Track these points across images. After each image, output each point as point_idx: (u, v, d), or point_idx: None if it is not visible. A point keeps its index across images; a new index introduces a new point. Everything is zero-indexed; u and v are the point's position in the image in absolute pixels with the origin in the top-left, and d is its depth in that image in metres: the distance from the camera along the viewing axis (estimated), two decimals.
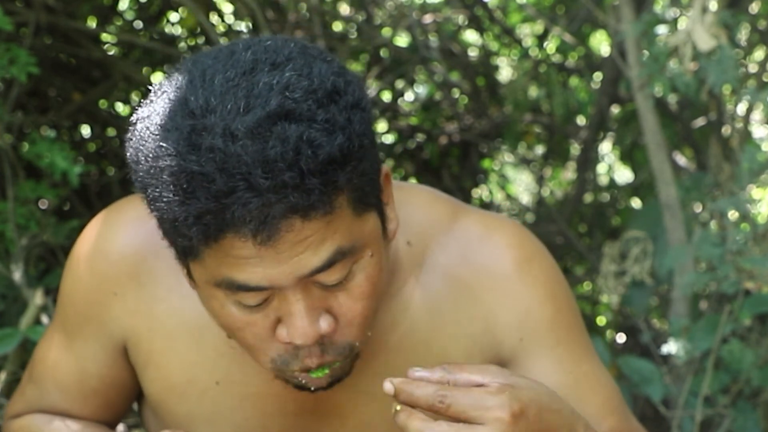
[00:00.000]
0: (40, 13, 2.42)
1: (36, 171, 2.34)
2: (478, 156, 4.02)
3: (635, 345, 3.39)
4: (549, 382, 1.40)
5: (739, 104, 3.01)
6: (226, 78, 1.14)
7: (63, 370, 1.47)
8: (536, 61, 3.78)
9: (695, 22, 2.38)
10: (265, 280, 1.16)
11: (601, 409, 1.42)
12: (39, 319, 2.15)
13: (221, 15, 3.10)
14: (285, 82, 1.13)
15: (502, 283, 1.40)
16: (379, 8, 3.48)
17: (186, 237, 1.14)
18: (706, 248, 2.34)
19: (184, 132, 1.12)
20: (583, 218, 3.94)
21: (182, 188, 1.11)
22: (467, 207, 1.46)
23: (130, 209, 1.40)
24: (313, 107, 1.13)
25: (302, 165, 1.11)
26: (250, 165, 1.10)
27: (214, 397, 1.41)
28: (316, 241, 1.15)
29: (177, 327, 1.39)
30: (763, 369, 2.34)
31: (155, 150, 1.13)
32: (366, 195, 1.20)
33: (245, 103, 1.12)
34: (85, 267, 1.42)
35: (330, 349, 1.23)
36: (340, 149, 1.13)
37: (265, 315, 1.21)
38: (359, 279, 1.21)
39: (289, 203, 1.11)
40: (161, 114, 1.15)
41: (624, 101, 3.63)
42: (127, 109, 3.16)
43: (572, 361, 1.42)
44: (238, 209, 1.11)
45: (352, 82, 1.19)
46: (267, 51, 1.17)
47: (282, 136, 1.10)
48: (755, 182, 2.50)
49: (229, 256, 1.15)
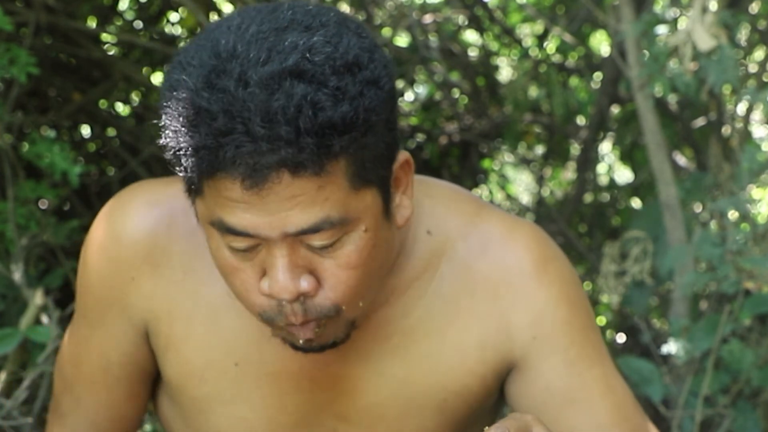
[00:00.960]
0: (40, 13, 2.42)
1: (36, 171, 2.34)
2: (478, 156, 4.02)
3: (635, 345, 3.39)
4: (559, 384, 1.41)
5: (739, 104, 3.01)
6: (260, 30, 1.19)
7: (88, 362, 1.48)
8: (536, 61, 3.78)
9: (695, 22, 2.38)
10: (251, 228, 1.20)
11: (612, 415, 1.42)
12: (39, 319, 2.15)
13: (221, 15, 3.10)
14: (310, 44, 1.18)
15: (520, 282, 1.42)
16: (379, 8, 3.47)
17: (184, 168, 1.20)
18: (706, 248, 2.34)
19: (206, 70, 1.18)
20: (583, 218, 3.94)
21: (188, 120, 1.17)
22: (490, 205, 1.49)
23: (140, 193, 1.43)
24: (328, 72, 1.17)
25: (300, 123, 1.15)
26: (252, 112, 1.15)
27: (233, 378, 1.43)
28: (304, 201, 1.18)
29: (194, 309, 1.41)
30: (763, 369, 2.34)
31: (178, 81, 1.19)
32: (366, 170, 1.22)
33: (266, 56, 1.17)
34: (100, 254, 1.43)
35: (312, 309, 1.26)
36: (342, 117, 1.16)
37: (253, 264, 1.25)
38: (348, 249, 1.24)
39: (279, 156, 1.15)
40: (194, 50, 1.21)
41: (624, 101, 3.62)
42: (127, 109, 3.16)
43: (584, 363, 1.42)
44: (231, 150, 1.15)
45: (377, 60, 1.22)
46: (306, 14, 1.22)
47: (288, 92, 1.15)
48: (755, 182, 2.50)
49: (222, 197, 1.19)
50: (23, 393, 2.02)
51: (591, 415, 1.41)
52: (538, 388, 1.42)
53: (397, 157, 1.28)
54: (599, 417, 1.40)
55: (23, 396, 2.02)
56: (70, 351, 1.51)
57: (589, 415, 1.41)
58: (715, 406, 2.40)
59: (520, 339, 1.42)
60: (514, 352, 1.42)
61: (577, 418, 1.41)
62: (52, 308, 2.13)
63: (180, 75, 1.20)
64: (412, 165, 1.30)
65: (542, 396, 1.42)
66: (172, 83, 1.21)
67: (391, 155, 1.26)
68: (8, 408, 2.00)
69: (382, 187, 1.26)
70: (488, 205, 1.49)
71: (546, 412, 1.41)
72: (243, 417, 1.45)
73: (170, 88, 1.21)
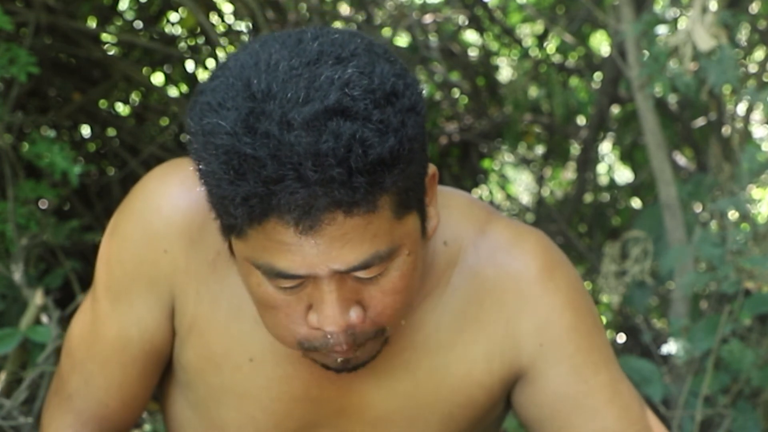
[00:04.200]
0: (40, 13, 2.42)
1: (36, 171, 2.34)
2: (478, 156, 4.02)
3: (635, 345, 3.39)
4: (565, 391, 1.41)
5: (739, 104, 3.01)
6: (291, 66, 1.17)
7: (104, 340, 1.45)
8: (536, 61, 3.78)
9: (695, 22, 2.38)
10: (303, 269, 1.19)
11: (619, 421, 1.42)
12: (39, 319, 2.15)
13: (221, 15, 3.10)
14: (346, 78, 1.16)
15: (526, 289, 1.42)
16: (379, 8, 3.47)
17: (232, 216, 1.18)
18: (706, 248, 2.34)
19: (243, 113, 1.15)
20: (583, 218, 3.94)
21: (234, 168, 1.14)
22: (500, 214, 1.48)
23: (182, 169, 1.40)
24: (370, 107, 1.15)
25: (351, 163, 1.13)
26: (302, 156, 1.12)
27: (247, 373, 1.42)
28: (354, 239, 1.18)
29: (221, 293, 1.41)
30: (763, 369, 2.34)
31: (213, 126, 1.16)
32: (409, 198, 1.22)
33: (305, 94, 1.14)
34: (135, 224, 1.41)
35: (359, 337, 1.26)
36: (390, 151, 1.15)
37: (299, 299, 1.24)
38: (393, 276, 1.24)
39: (334, 198, 1.14)
40: (224, 91, 1.18)
41: (624, 101, 3.63)
42: (127, 109, 3.16)
43: (590, 370, 1.42)
44: (285, 197, 1.14)
45: (411, 85, 1.21)
46: (333, 44, 1.19)
47: (336, 132, 1.13)
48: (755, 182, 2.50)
49: (271, 241, 1.18)
50: (23, 393, 2.02)
51: (598, 421, 1.41)
52: (544, 395, 1.42)
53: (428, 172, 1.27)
54: (606, 423, 1.40)
55: (23, 396, 2.02)
56: (84, 329, 1.48)
57: (596, 422, 1.41)
58: (715, 406, 2.39)
59: (526, 346, 1.42)
60: (521, 359, 1.42)
61: (585, 424, 1.41)
62: (52, 308, 2.13)
63: (214, 119, 1.16)
64: (437, 176, 1.30)
65: (549, 403, 1.42)
66: (204, 127, 1.17)
67: (425, 174, 1.26)
68: (8, 408, 2.00)
69: (419, 209, 1.26)
70: (498, 213, 1.49)
71: (553, 419, 1.42)
72: (252, 416, 1.44)
73: (204, 132, 1.17)
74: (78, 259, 2.56)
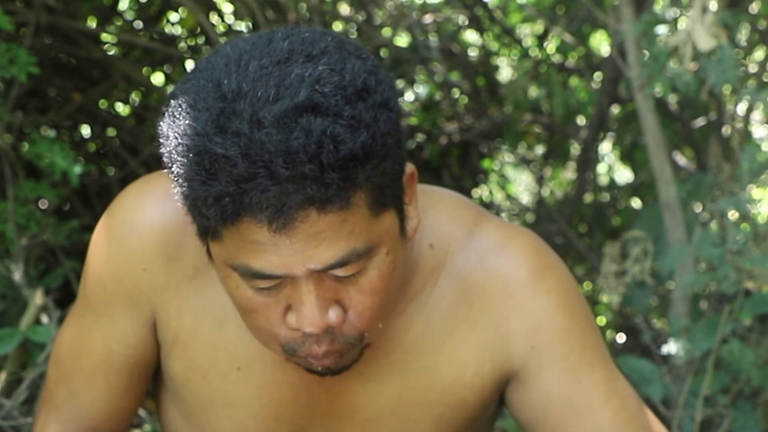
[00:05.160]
0: (40, 13, 2.42)
1: (36, 171, 2.34)
2: (478, 156, 4.02)
3: (635, 345, 3.39)
4: (559, 392, 1.40)
5: (739, 104, 3.01)
6: (261, 65, 1.16)
7: (88, 353, 1.45)
8: (536, 61, 3.78)
9: (695, 22, 2.38)
10: (279, 269, 1.18)
11: (615, 420, 1.41)
12: (39, 319, 2.15)
13: (221, 15, 3.10)
14: (317, 75, 1.15)
15: (517, 291, 1.40)
16: (379, 8, 3.48)
17: (205, 217, 1.17)
18: (706, 248, 2.34)
19: (214, 114, 1.14)
20: (583, 218, 3.94)
21: (205, 168, 1.14)
22: (489, 215, 1.47)
23: (157, 185, 1.40)
24: (341, 103, 1.14)
25: (323, 159, 1.12)
26: (273, 153, 1.12)
27: (235, 381, 1.42)
28: (330, 237, 1.17)
29: (203, 307, 1.40)
30: (763, 369, 2.34)
31: (184, 128, 1.16)
32: (385, 195, 1.21)
33: (275, 92, 1.14)
34: (113, 243, 1.41)
35: (338, 338, 1.25)
36: (363, 147, 1.14)
37: (277, 300, 1.23)
38: (372, 275, 1.23)
39: (306, 194, 1.13)
40: (194, 93, 1.17)
41: (624, 101, 3.63)
42: (127, 109, 3.16)
43: (584, 370, 1.41)
44: (256, 195, 1.13)
45: (383, 81, 1.20)
46: (304, 42, 1.19)
47: (306, 129, 1.12)
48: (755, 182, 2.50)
49: (246, 241, 1.17)
50: (23, 393, 2.02)
51: (593, 421, 1.40)
52: (538, 397, 1.41)
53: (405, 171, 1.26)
54: (601, 422, 1.40)
55: (23, 396, 2.02)
56: (69, 342, 1.48)
57: (591, 421, 1.40)
58: (715, 406, 2.40)
59: (518, 349, 1.41)
60: (513, 362, 1.41)
61: (580, 425, 1.40)
62: (52, 308, 2.13)
63: (185, 121, 1.16)
64: (416, 176, 1.29)
65: (543, 404, 1.41)
66: (176, 129, 1.17)
67: (402, 172, 1.25)
68: (8, 408, 2.00)
69: (397, 207, 1.25)
70: (487, 214, 1.47)
71: (547, 420, 1.41)
72: (243, 423, 1.44)
73: (176, 135, 1.17)
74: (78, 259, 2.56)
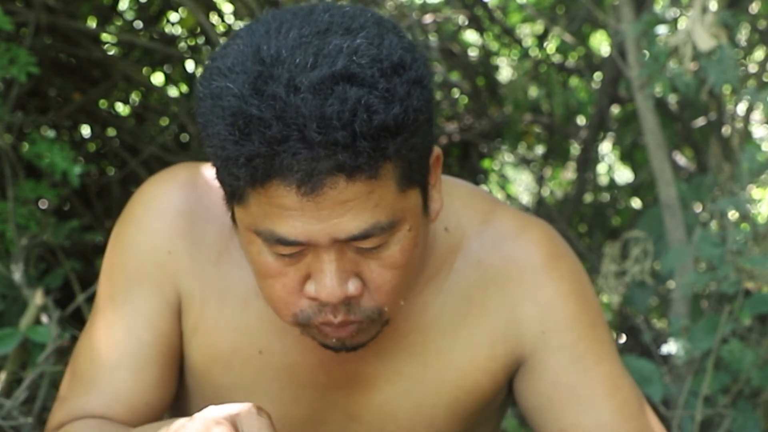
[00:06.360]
0: (40, 13, 2.42)
1: (36, 171, 2.34)
2: (478, 156, 4.02)
3: (635, 345, 3.39)
4: (565, 379, 1.42)
5: (739, 104, 3.01)
6: (301, 34, 1.18)
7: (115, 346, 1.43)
8: (536, 61, 3.78)
9: (695, 22, 2.38)
10: (303, 236, 1.20)
11: (616, 415, 1.42)
12: (39, 319, 2.14)
13: (221, 15, 3.10)
14: (355, 47, 1.17)
15: (530, 277, 1.44)
16: (379, 8, 3.47)
17: (235, 177, 1.19)
18: (706, 248, 2.34)
19: (251, 76, 1.16)
20: (583, 218, 3.94)
21: (239, 129, 1.16)
22: (503, 204, 1.51)
23: (181, 174, 1.43)
24: (377, 75, 1.16)
25: (356, 127, 1.14)
26: (307, 118, 1.14)
27: (256, 366, 1.43)
28: (356, 207, 1.18)
29: (225, 292, 1.42)
30: (763, 369, 2.34)
31: (221, 89, 1.18)
32: (412, 171, 1.23)
33: (313, 60, 1.16)
34: (139, 227, 1.43)
35: (355, 310, 1.27)
36: (395, 119, 1.16)
37: (297, 268, 1.24)
38: (394, 250, 1.24)
39: (337, 161, 1.15)
40: (233, 56, 1.20)
41: (624, 101, 3.63)
42: (127, 109, 3.16)
43: (591, 360, 1.43)
44: (288, 158, 1.15)
45: (418, 59, 1.22)
46: (344, 16, 1.22)
47: (342, 96, 1.14)
48: (755, 182, 2.50)
49: (273, 206, 1.19)
50: (23, 393, 2.01)
51: (595, 413, 1.41)
52: (544, 383, 1.43)
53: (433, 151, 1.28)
54: (603, 415, 1.41)
55: (23, 396, 2.02)
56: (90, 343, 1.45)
57: (592, 413, 1.41)
58: (715, 406, 2.39)
59: (529, 333, 1.43)
60: (524, 346, 1.44)
61: (580, 415, 1.41)
62: (52, 308, 2.13)
63: (222, 82, 1.18)
64: (441, 159, 1.31)
65: (548, 391, 1.43)
66: (213, 91, 1.19)
67: (431, 151, 1.27)
68: (8, 408, 2.00)
69: (422, 186, 1.27)
70: (502, 203, 1.50)
71: (551, 407, 1.42)
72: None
73: (212, 96, 1.19)
74: (78, 259, 2.56)
